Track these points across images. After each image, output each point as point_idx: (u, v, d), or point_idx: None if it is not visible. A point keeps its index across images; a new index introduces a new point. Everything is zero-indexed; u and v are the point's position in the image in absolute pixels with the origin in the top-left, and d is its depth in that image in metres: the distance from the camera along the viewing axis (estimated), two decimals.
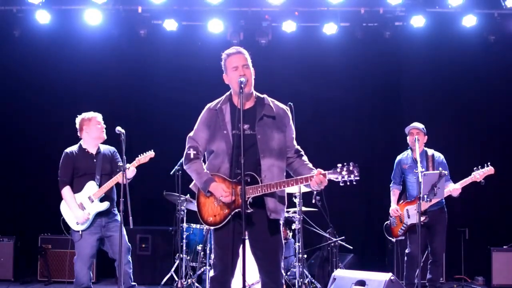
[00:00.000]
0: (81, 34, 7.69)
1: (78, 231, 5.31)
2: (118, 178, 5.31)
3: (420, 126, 6.03)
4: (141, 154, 5.54)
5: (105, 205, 5.38)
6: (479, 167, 5.78)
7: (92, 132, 5.46)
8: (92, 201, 5.35)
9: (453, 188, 5.79)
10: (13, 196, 7.90)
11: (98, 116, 5.53)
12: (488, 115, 8.08)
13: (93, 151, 5.49)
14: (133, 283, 5.54)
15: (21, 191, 7.95)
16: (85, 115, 5.51)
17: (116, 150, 5.64)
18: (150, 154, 5.55)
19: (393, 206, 6.14)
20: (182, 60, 7.98)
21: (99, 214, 5.37)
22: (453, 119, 8.10)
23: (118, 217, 5.43)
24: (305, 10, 7.69)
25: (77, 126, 5.52)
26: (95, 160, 5.45)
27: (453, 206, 6.12)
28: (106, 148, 5.60)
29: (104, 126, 5.54)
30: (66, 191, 5.36)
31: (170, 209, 6.92)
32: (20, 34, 7.58)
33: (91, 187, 5.38)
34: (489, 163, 5.77)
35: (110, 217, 5.44)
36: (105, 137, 5.53)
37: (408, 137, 6.06)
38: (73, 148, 5.51)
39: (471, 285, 7.45)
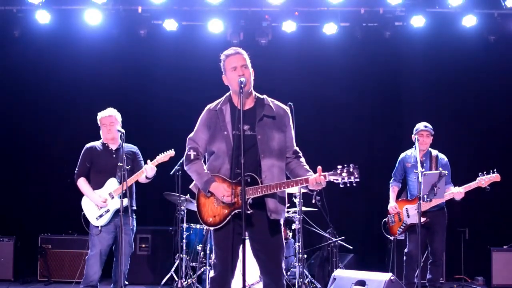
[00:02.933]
0: (81, 34, 7.68)
1: (98, 227, 5.37)
2: (138, 175, 5.43)
3: (429, 127, 5.99)
4: (161, 153, 5.60)
5: (125, 201, 5.35)
6: (484, 172, 5.75)
7: (102, 132, 5.57)
8: (113, 198, 5.41)
9: (457, 191, 5.76)
10: (13, 196, 7.90)
11: (107, 117, 5.50)
12: (488, 115, 8.08)
13: (113, 147, 5.55)
14: (126, 283, 5.61)
15: (21, 191, 7.94)
16: (99, 114, 5.57)
17: (138, 150, 5.69)
18: (170, 153, 5.61)
19: (392, 203, 6.12)
20: (182, 60, 7.98)
21: (115, 214, 5.41)
22: (453, 119, 8.09)
23: (131, 220, 5.45)
24: (305, 10, 7.69)
25: None
26: (114, 156, 5.50)
27: (453, 206, 6.11)
28: (128, 147, 5.62)
29: (110, 125, 5.48)
30: (81, 181, 5.49)
31: (170, 209, 6.92)
32: (20, 34, 7.57)
33: (112, 184, 5.45)
34: (495, 170, 5.74)
35: (125, 217, 5.36)
36: (113, 137, 5.52)
37: (416, 136, 5.91)
38: (95, 143, 5.61)
39: (471, 285, 7.45)
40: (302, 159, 3.97)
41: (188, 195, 6.48)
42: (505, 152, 7.93)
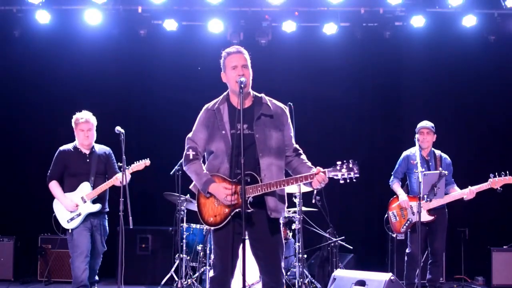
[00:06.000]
0: (81, 34, 7.68)
1: (68, 230, 5.41)
2: (112, 181, 5.45)
3: (429, 124, 6.00)
4: (136, 162, 5.61)
5: (97, 207, 5.49)
6: (496, 174, 5.75)
7: (77, 136, 5.54)
8: (85, 202, 5.44)
9: (469, 191, 5.74)
10: (13, 196, 7.89)
11: (84, 123, 5.46)
12: (488, 115, 8.08)
13: (86, 151, 5.55)
14: (96, 278, 5.71)
15: (21, 191, 7.94)
16: (76, 117, 5.53)
17: (111, 151, 5.70)
18: (145, 162, 5.63)
19: (404, 197, 5.97)
20: (182, 60, 7.98)
21: (91, 214, 5.47)
22: (453, 119, 8.10)
23: (106, 221, 5.64)
24: (305, 10, 7.69)
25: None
26: (88, 160, 5.52)
27: (453, 206, 6.11)
28: (101, 149, 5.66)
29: (88, 131, 5.47)
30: (53, 184, 5.50)
31: (170, 209, 6.91)
32: (20, 34, 7.57)
33: (84, 188, 5.47)
34: (507, 172, 5.74)
35: (100, 218, 5.58)
36: (90, 143, 5.53)
37: (417, 136, 5.91)
38: (68, 147, 5.60)
39: (471, 285, 7.45)
40: (303, 156, 3.96)
41: (188, 195, 6.49)
42: (505, 151, 7.93)
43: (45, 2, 7.36)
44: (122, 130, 5.21)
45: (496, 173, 5.76)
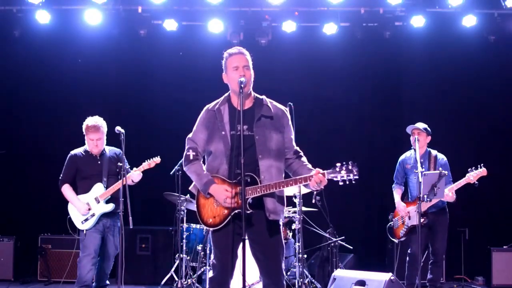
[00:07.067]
0: (81, 34, 7.69)
1: (83, 230, 5.46)
2: (124, 181, 5.38)
3: (422, 126, 5.98)
4: (148, 160, 5.65)
5: (110, 206, 5.52)
6: (473, 168, 5.75)
7: (87, 143, 5.60)
8: (99, 202, 5.48)
9: (446, 194, 5.70)
10: (13, 196, 7.90)
11: (94, 133, 5.48)
12: (488, 115, 8.08)
13: (96, 153, 5.60)
14: (107, 282, 5.72)
15: (21, 191, 7.95)
16: (86, 123, 5.56)
17: (122, 152, 5.68)
18: (156, 160, 5.68)
19: (401, 204, 6.01)
20: (182, 60, 7.99)
21: (104, 215, 5.52)
22: (453, 119, 8.10)
23: (119, 222, 5.55)
24: (305, 10, 7.69)
25: None
26: (99, 162, 5.57)
27: (453, 206, 6.11)
28: (112, 150, 5.71)
29: (97, 140, 5.50)
30: (65, 187, 5.56)
31: (170, 209, 6.92)
32: (20, 34, 7.57)
33: (98, 189, 5.52)
34: (482, 164, 5.73)
35: (114, 219, 5.60)
36: (99, 151, 5.57)
37: (410, 137, 5.97)
38: (79, 150, 5.65)
39: (471, 285, 7.45)
40: (304, 158, 3.94)
41: (188, 195, 6.49)
42: (505, 151, 7.93)
43: (45, 2, 7.36)
44: (122, 130, 5.21)
45: (473, 167, 5.72)
